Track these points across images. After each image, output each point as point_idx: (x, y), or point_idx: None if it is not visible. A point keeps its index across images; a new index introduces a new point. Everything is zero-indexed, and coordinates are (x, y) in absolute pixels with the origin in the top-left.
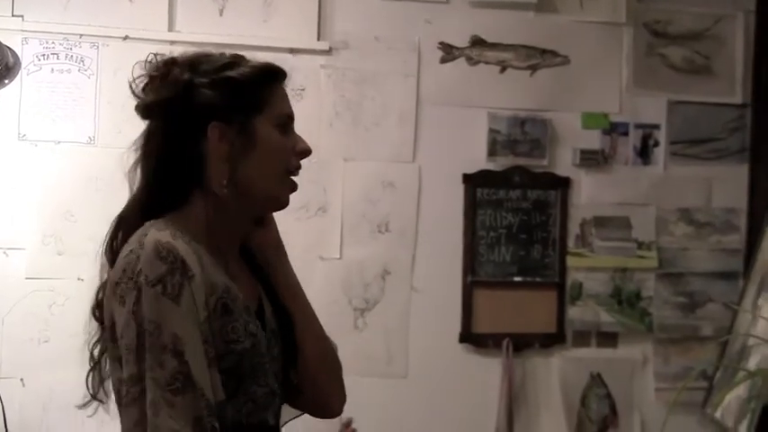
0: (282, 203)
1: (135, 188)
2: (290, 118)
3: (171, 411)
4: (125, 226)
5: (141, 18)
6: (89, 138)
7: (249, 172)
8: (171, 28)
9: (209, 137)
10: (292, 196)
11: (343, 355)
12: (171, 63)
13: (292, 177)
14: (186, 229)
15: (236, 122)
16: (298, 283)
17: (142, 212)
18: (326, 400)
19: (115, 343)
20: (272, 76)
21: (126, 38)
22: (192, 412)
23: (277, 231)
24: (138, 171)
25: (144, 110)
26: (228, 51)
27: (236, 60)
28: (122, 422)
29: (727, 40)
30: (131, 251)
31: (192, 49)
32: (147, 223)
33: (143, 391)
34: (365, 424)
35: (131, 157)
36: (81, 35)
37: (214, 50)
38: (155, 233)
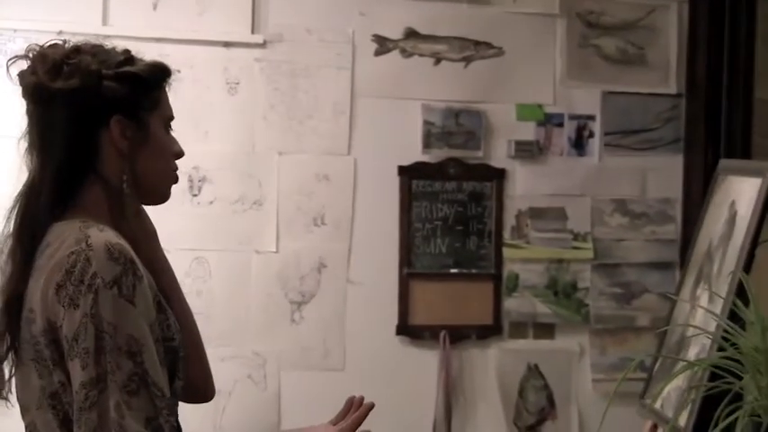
0: (166, 198)
1: (32, 179)
2: (171, 119)
3: (130, 413)
4: (34, 222)
5: (75, 13)
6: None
7: (143, 167)
8: (105, 22)
9: (112, 130)
10: (230, 189)
11: (279, 348)
12: (77, 51)
13: (176, 174)
14: (111, 227)
15: (135, 118)
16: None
17: (49, 207)
18: (205, 383)
19: (54, 345)
20: (166, 75)
21: (60, 32)
22: (144, 413)
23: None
24: (35, 160)
25: (48, 95)
26: (119, 45)
27: (131, 56)
28: (79, 427)
29: (661, 30)
30: (73, 252)
31: (122, 44)
32: (76, 221)
33: (101, 394)
34: (302, 417)
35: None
36: (15, 30)
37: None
38: (98, 233)
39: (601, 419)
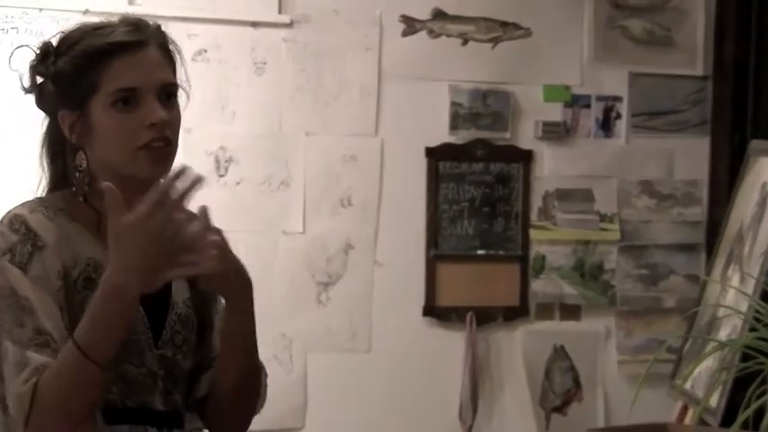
0: (143, 179)
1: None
2: (128, 91)
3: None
4: None
5: None
6: None
7: (99, 154)
8: (131, 1)
9: (61, 126)
10: (257, 170)
11: (305, 330)
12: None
13: (155, 146)
14: (56, 206)
15: (76, 110)
16: None
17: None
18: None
19: None
20: (104, 55)
21: (86, 11)
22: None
23: None
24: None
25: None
26: (90, 20)
27: (74, 41)
28: None
29: (688, 11)
30: None
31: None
32: (29, 202)
33: None
34: (328, 399)
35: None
36: (41, 9)
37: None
38: (15, 209)
39: (625, 400)
